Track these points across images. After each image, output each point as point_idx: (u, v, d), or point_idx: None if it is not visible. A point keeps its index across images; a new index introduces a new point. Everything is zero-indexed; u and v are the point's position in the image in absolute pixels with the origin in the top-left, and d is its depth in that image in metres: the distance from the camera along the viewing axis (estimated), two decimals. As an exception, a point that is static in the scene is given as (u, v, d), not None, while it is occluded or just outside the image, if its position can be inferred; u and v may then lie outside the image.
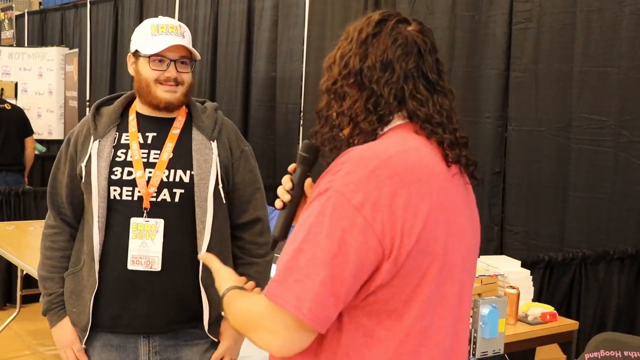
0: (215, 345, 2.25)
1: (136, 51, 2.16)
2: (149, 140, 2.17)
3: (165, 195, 2.13)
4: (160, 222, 2.12)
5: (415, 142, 1.36)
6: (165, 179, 2.13)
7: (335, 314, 1.27)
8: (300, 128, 6.10)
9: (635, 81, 3.86)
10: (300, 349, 1.28)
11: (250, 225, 2.28)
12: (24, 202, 5.54)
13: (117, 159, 2.14)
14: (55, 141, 9.02)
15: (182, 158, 2.15)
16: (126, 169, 2.13)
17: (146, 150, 2.15)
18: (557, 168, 4.23)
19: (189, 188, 2.13)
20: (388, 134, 1.38)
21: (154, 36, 2.13)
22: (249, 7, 6.76)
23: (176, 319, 2.18)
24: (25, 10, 12.52)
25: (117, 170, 2.13)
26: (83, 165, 2.13)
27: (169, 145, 2.16)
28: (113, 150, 2.14)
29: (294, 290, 1.23)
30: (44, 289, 2.26)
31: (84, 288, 2.16)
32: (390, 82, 1.36)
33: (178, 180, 2.13)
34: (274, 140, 6.34)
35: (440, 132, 1.37)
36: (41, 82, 9.46)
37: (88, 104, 9.15)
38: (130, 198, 2.12)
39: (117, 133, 2.17)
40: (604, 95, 3.99)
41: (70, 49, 9.64)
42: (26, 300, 4.91)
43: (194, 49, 2.18)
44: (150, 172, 2.12)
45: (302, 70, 6.07)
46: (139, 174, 2.12)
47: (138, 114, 2.20)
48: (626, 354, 2.67)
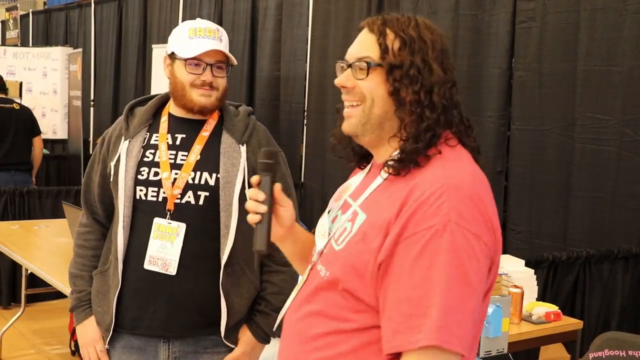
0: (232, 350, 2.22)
1: (172, 53, 2.15)
2: (178, 142, 2.16)
3: (189, 197, 2.11)
4: (182, 227, 2.10)
5: (467, 159, 1.41)
6: (190, 181, 2.11)
7: None
8: (304, 127, 6.10)
9: (638, 80, 3.86)
10: None
11: None
12: (28, 202, 5.56)
13: (145, 159, 2.14)
14: (60, 140, 9.02)
15: (210, 161, 2.13)
16: (153, 170, 2.12)
17: (174, 152, 2.14)
18: (561, 167, 4.23)
19: (214, 191, 2.11)
20: (445, 150, 1.40)
21: (191, 39, 2.11)
22: (252, 7, 6.77)
23: (195, 324, 2.15)
24: (30, 10, 12.55)
25: (144, 171, 2.12)
26: (112, 164, 2.14)
27: (197, 147, 2.14)
28: (142, 150, 2.14)
29: (454, 330, 1.25)
30: (73, 286, 2.27)
31: (110, 288, 2.17)
32: (444, 94, 1.41)
33: (203, 182, 2.11)
34: (278, 140, 6.27)
35: (472, 138, 1.45)
36: (45, 82, 9.47)
37: (92, 103, 9.17)
38: (155, 199, 2.11)
39: (148, 133, 2.17)
40: (608, 94, 3.99)
41: (74, 49, 9.65)
42: (31, 300, 4.93)
43: (230, 54, 2.16)
44: (177, 174, 2.11)
45: (306, 70, 6.07)
46: (165, 175, 2.11)
47: (170, 115, 2.20)
48: (631, 353, 2.67)
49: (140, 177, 2.12)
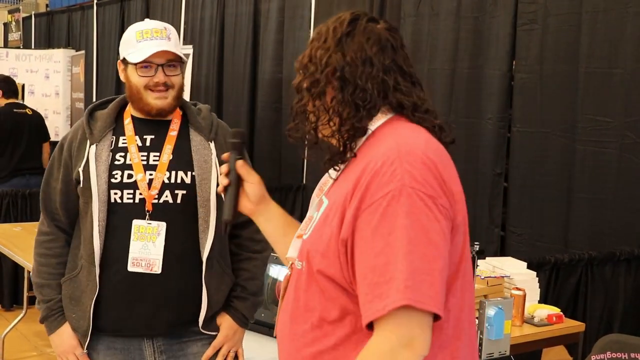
0: (214, 338, 2.28)
1: (124, 59, 2.17)
2: (147, 143, 2.18)
3: (167, 197, 2.14)
4: (163, 225, 2.13)
5: (421, 132, 1.41)
6: (166, 181, 2.14)
7: None
8: (306, 129, 6.09)
9: (640, 82, 3.86)
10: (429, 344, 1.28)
11: (247, 224, 2.28)
12: (30, 204, 5.56)
13: (116, 162, 2.14)
14: (62, 143, 9.02)
15: (182, 159, 2.17)
16: (126, 172, 2.14)
17: (145, 153, 2.16)
18: (562, 169, 4.23)
19: (190, 189, 2.15)
20: (384, 128, 1.42)
21: (139, 42, 2.12)
22: (255, 9, 6.77)
23: (179, 320, 2.19)
24: (32, 12, 12.57)
25: (117, 174, 2.13)
26: (80, 169, 2.12)
27: (168, 147, 2.17)
28: (111, 154, 2.15)
29: (424, 290, 1.24)
30: (41, 296, 2.23)
31: (83, 293, 2.15)
32: (372, 76, 1.41)
33: (180, 181, 2.15)
34: (280, 142, 6.35)
35: (429, 119, 1.44)
36: (48, 84, 9.49)
37: (94, 105, 9.16)
38: (131, 201, 2.13)
39: (114, 137, 2.18)
40: (609, 97, 3.99)
41: (76, 51, 9.67)
42: (33, 302, 4.87)
43: (179, 52, 2.17)
44: (151, 175, 2.14)
45: (308, 72, 6.07)
46: (139, 176, 2.13)
47: (133, 118, 2.21)
48: (633, 355, 2.67)
49: (113, 181, 2.12)
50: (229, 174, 1.65)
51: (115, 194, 2.12)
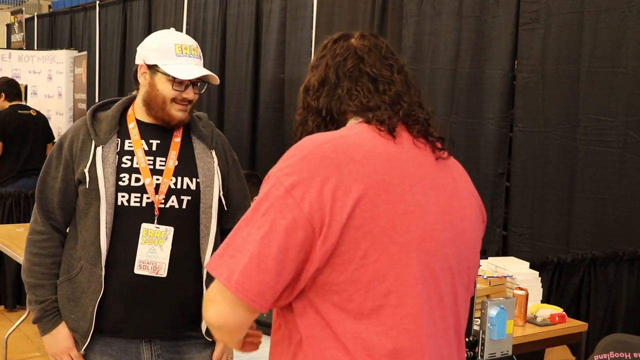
0: (212, 344, 2.30)
1: (155, 65, 2.16)
2: (154, 148, 2.20)
3: (173, 202, 2.17)
4: (170, 230, 2.15)
5: (360, 129, 1.43)
6: (173, 186, 2.17)
7: (273, 292, 1.32)
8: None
9: (642, 82, 3.86)
10: (236, 323, 1.37)
11: None
12: (33, 205, 5.57)
13: (123, 165, 2.15)
14: (65, 144, 9.03)
15: (187, 166, 2.20)
16: (134, 176, 2.15)
17: (152, 157, 2.18)
18: (564, 169, 4.22)
19: (195, 195, 2.19)
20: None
21: (178, 57, 2.15)
22: (257, 10, 6.78)
23: (178, 324, 2.21)
24: (35, 14, 12.59)
25: (125, 177, 2.14)
26: (86, 170, 2.12)
27: (173, 153, 2.20)
28: (117, 156, 2.15)
29: (228, 264, 1.32)
30: (34, 297, 2.20)
31: (83, 293, 2.15)
32: (326, 94, 1.49)
33: (185, 187, 2.18)
34: (282, 142, 6.35)
35: (378, 114, 1.44)
36: (50, 85, 9.50)
37: (97, 106, 9.17)
38: (138, 204, 2.14)
39: (119, 139, 2.18)
40: (611, 96, 3.99)
41: (79, 52, 9.69)
42: (36, 302, 4.93)
43: (213, 74, 2.23)
44: (158, 179, 2.16)
45: (310, 72, 6.07)
46: (147, 181, 2.15)
47: (138, 122, 2.22)
48: (636, 355, 2.67)
49: (121, 184, 2.13)
50: None
51: (123, 196, 2.13)
